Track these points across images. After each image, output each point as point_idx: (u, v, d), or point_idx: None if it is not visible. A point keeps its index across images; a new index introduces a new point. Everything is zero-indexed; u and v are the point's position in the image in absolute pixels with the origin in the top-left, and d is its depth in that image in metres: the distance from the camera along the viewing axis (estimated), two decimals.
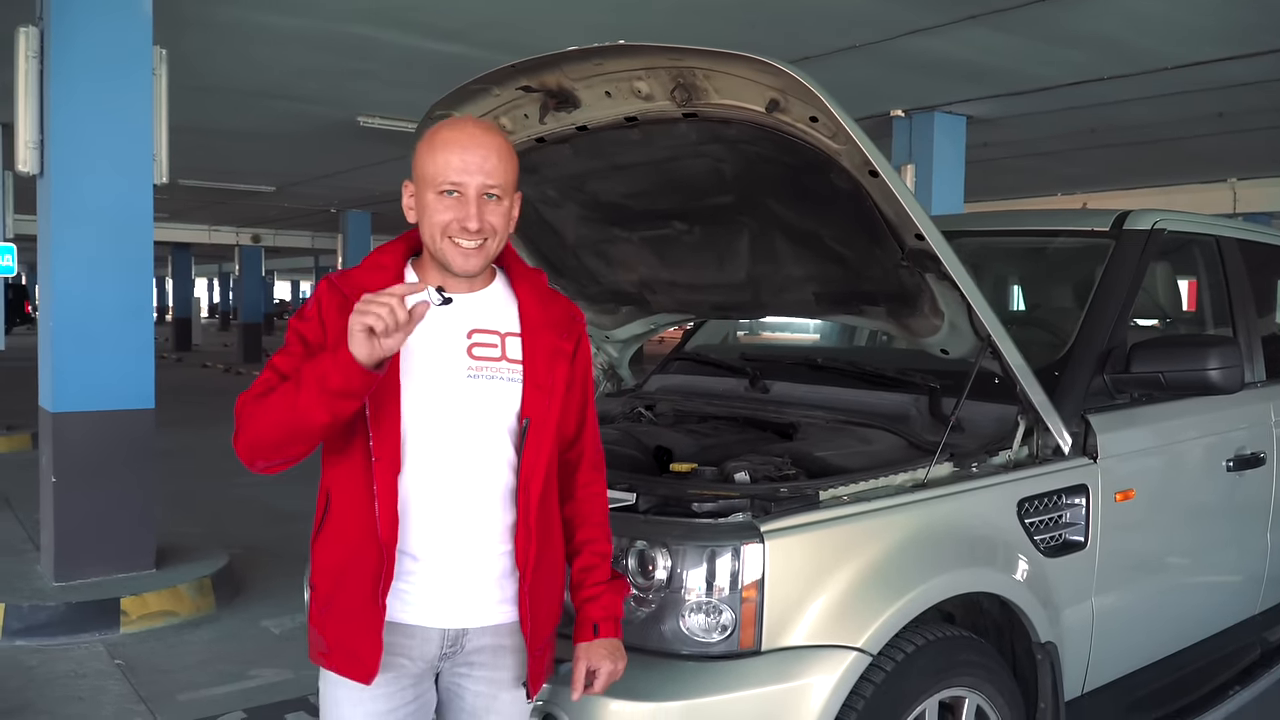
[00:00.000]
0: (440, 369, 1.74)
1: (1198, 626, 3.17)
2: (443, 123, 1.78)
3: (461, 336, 1.76)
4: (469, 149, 1.71)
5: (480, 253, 1.74)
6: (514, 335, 1.80)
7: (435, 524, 1.74)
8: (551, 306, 1.86)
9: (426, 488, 1.73)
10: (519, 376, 1.77)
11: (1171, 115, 8.22)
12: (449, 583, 1.76)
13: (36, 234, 5.20)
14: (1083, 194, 13.35)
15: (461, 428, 1.74)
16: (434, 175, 1.71)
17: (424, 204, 1.73)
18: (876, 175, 2.19)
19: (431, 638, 1.76)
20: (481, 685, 1.81)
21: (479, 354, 1.76)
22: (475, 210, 1.70)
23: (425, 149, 1.74)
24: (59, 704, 3.88)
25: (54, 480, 4.87)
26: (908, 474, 2.39)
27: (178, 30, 5.57)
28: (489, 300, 1.82)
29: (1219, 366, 2.72)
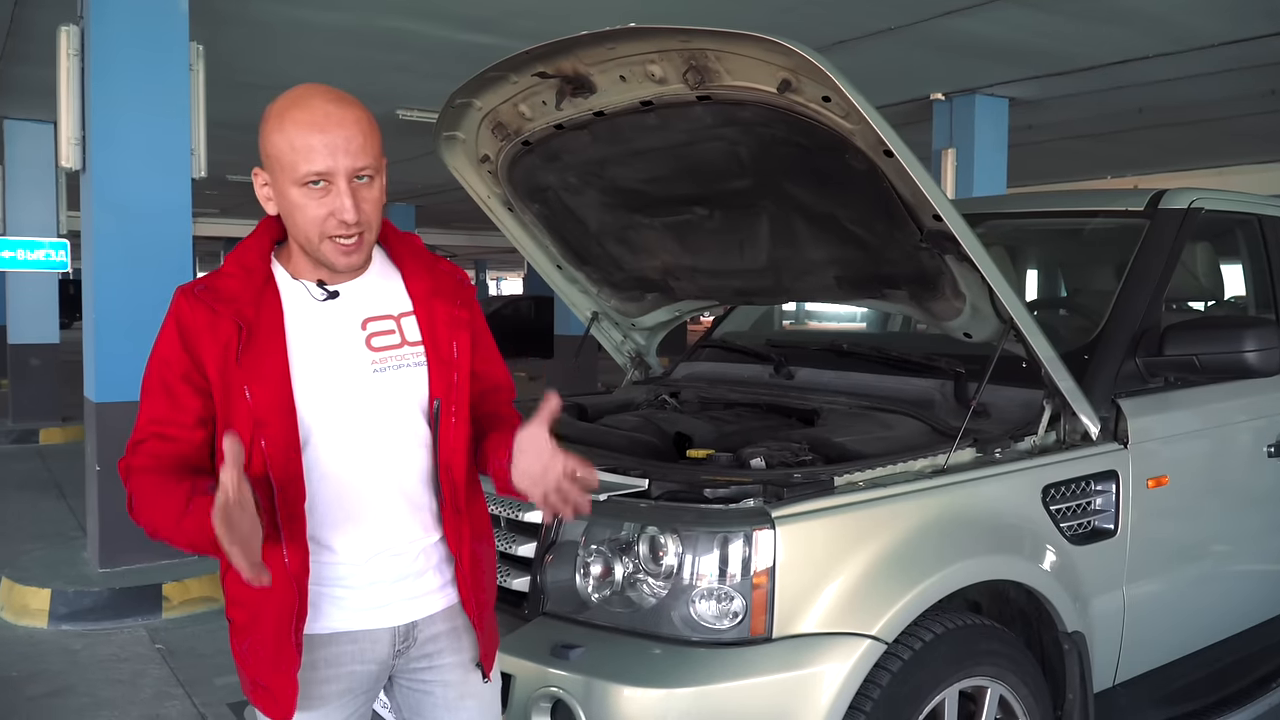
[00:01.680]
0: (342, 371, 1.57)
1: (1236, 618, 3.08)
2: (288, 97, 1.52)
3: (356, 330, 1.59)
4: (328, 129, 1.47)
5: (361, 244, 1.54)
6: (407, 314, 1.63)
7: (366, 527, 1.61)
8: (438, 274, 1.68)
9: (351, 493, 1.60)
10: (424, 358, 1.62)
11: (1221, 93, 7.98)
12: (389, 582, 1.64)
13: None
14: (1133, 176, 13.04)
15: (376, 426, 1.59)
16: (293, 164, 1.48)
17: (288, 200, 1.51)
18: (891, 155, 2.15)
19: (381, 639, 1.64)
20: (448, 674, 1.71)
21: (378, 344, 1.60)
22: (350, 201, 1.49)
23: (275, 131, 1.49)
24: (99, 686, 3.97)
25: (98, 469, 4.98)
26: (928, 459, 2.35)
27: (215, 27, 5.66)
28: (373, 282, 1.63)
29: (1256, 348, 2.63)
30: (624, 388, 3.57)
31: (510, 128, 2.82)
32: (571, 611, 2.14)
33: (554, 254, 3.33)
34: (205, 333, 1.52)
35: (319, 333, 1.58)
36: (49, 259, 9.87)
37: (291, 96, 1.53)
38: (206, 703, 3.81)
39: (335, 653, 1.62)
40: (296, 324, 1.57)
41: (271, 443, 1.52)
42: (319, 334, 1.58)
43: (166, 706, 3.79)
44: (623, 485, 2.22)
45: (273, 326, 1.55)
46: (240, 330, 1.52)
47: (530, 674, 2.02)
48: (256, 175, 1.58)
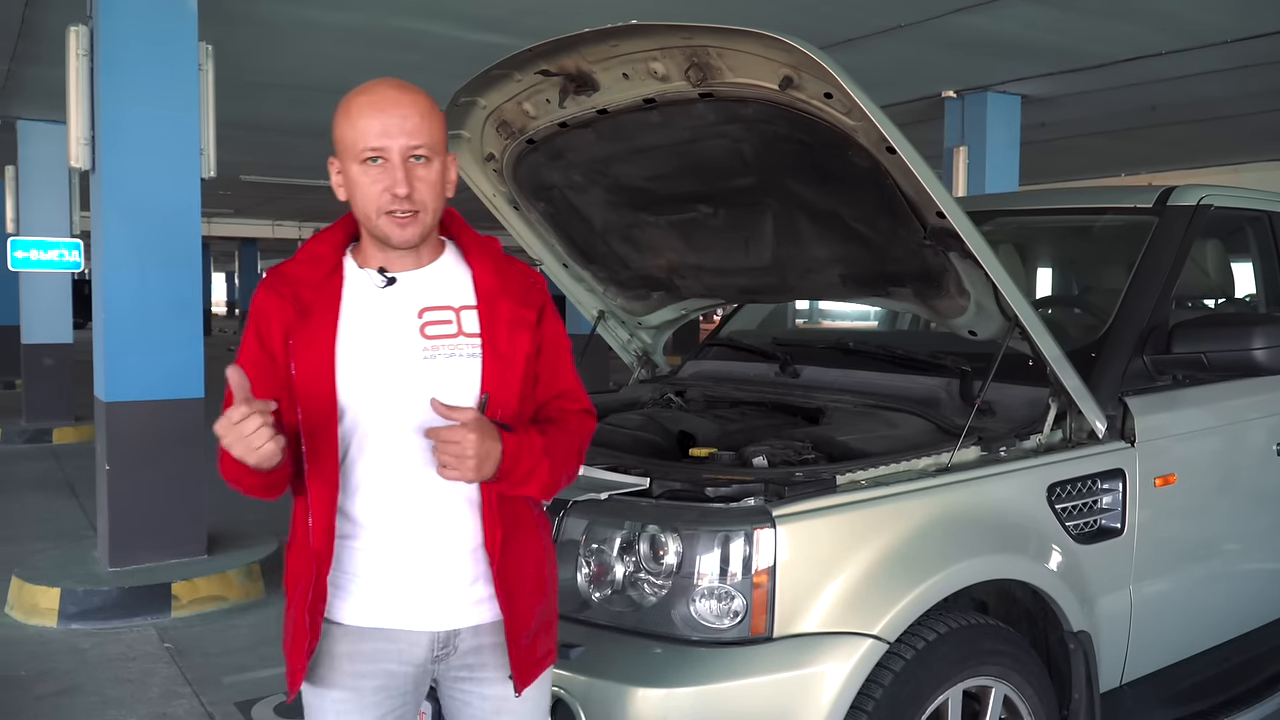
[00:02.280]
0: (392, 355, 1.62)
1: (1245, 617, 3.05)
2: (358, 88, 1.62)
3: (412, 317, 1.64)
4: (386, 110, 1.57)
5: (416, 222, 1.60)
6: (469, 308, 1.67)
7: (402, 521, 1.63)
8: (508, 274, 1.73)
9: (388, 484, 1.63)
10: (479, 350, 1.65)
11: (1236, 90, 7.90)
12: (427, 583, 1.65)
13: None
14: (1147, 174, 12.95)
15: (421, 413, 1.59)
16: (353, 143, 1.57)
17: (350, 178, 1.60)
18: (894, 152, 2.14)
19: (419, 641, 1.65)
20: (488, 688, 1.71)
21: (432, 333, 1.64)
22: (403, 175, 1.57)
23: (342, 117, 1.60)
24: (107, 685, 3.99)
25: (108, 468, 5.01)
26: (931, 458, 2.33)
27: (225, 27, 5.68)
28: (438, 275, 1.69)
29: (1265, 346, 2.61)
30: (630, 386, 3.56)
31: (515, 126, 2.82)
32: (572, 611, 2.13)
33: (560, 252, 3.32)
34: (272, 316, 1.63)
35: (373, 317, 1.64)
36: (62, 259, 9.93)
37: (360, 86, 1.63)
38: (214, 701, 3.82)
39: (375, 648, 1.65)
40: (352, 308, 1.64)
41: (307, 419, 1.60)
42: (373, 318, 1.64)
43: (174, 705, 3.81)
44: (624, 484, 2.21)
45: (327, 309, 1.63)
46: (297, 312, 1.61)
47: None
48: (331, 164, 1.65)
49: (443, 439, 1.52)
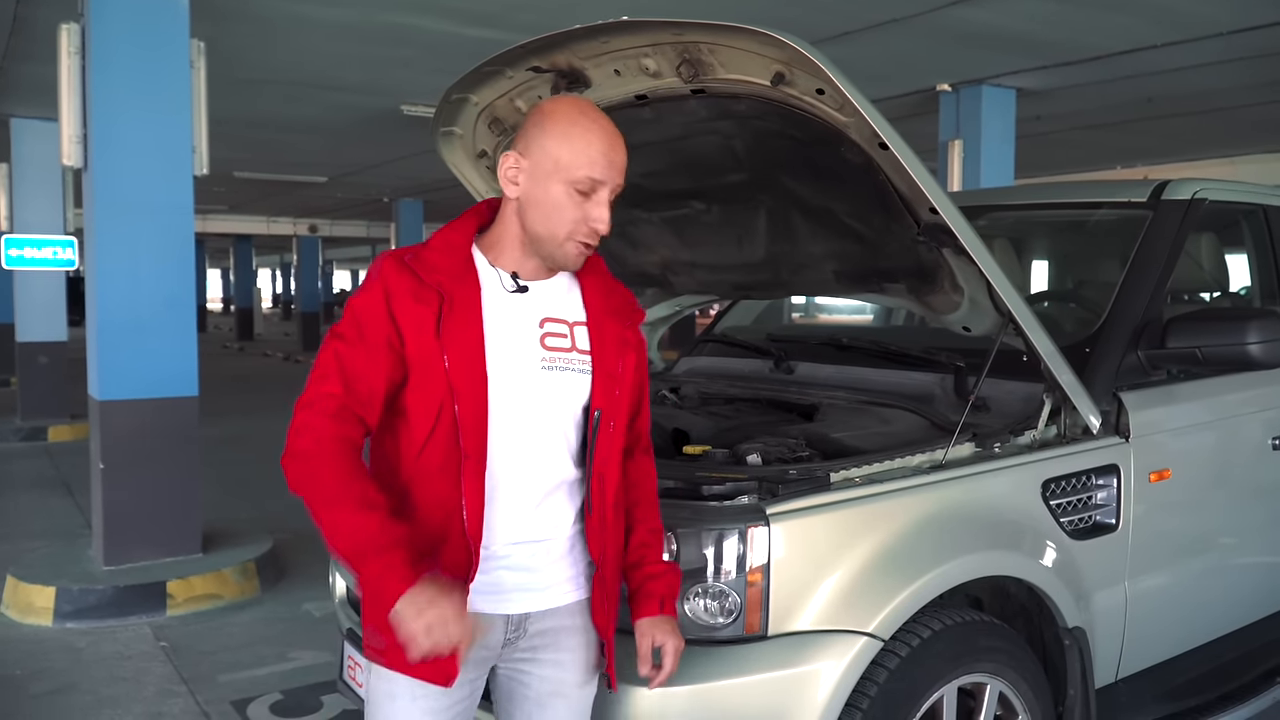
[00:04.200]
0: (517, 361, 1.67)
1: (1239, 612, 3.05)
2: (577, 104, 1.67)
3: (534, 326, 1.69)
4: (616, 146, 1.65)
5: (590, 252, 1.71)
6: (580, 324, 1.74)
7: (504, 516, 1.69)
8: (614, 294, 1.81)
9: (499, 481, 1.68)
10: (589, 367, 1.72)
11: (1231, 82, 7.90)
12: (514, 572, 1.71)
13: None
14: (1143, 166, 12.94)
15: (535, 420, 1.68)
16: (574, 167, 1.61)
17: (548, 194, 1.62)
18: (886, 148, 2.13)
19: (495, 625, 1.71)
20: (547, 669, 1.77)
21: (551, 344, 1.69)
22: (609, 214, 1.64)
23: (562, 130, 1.62)
24: (103, 684, 3.99)
25: (102, 467, 4.99)
26: (926, 455, 2.33)
27: (217, 23, 5.65)
28: (558, 288, 1.75)
29: (1259, 340, 2.60)
30: None
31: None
32: None
33: None
34: (409, 299, 1.60)
35: (503, 319, 1.67)
36: (56, 257, 9.90)
37: (578, 104, 1.68)
38: (209, 700, 3.82)
39: None
40: (490, 306, 1.66)
41: (465, 411, 1.60)
42: (503, 320, 1.67)
43: (169, 704, 3.80)
44: None
45: (471, 303, 1.64)
46: (443, 300, 1.61)
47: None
48: (507, 157, 1.65)
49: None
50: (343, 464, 1.56)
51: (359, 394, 1.61)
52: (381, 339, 1.60)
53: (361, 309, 1.62)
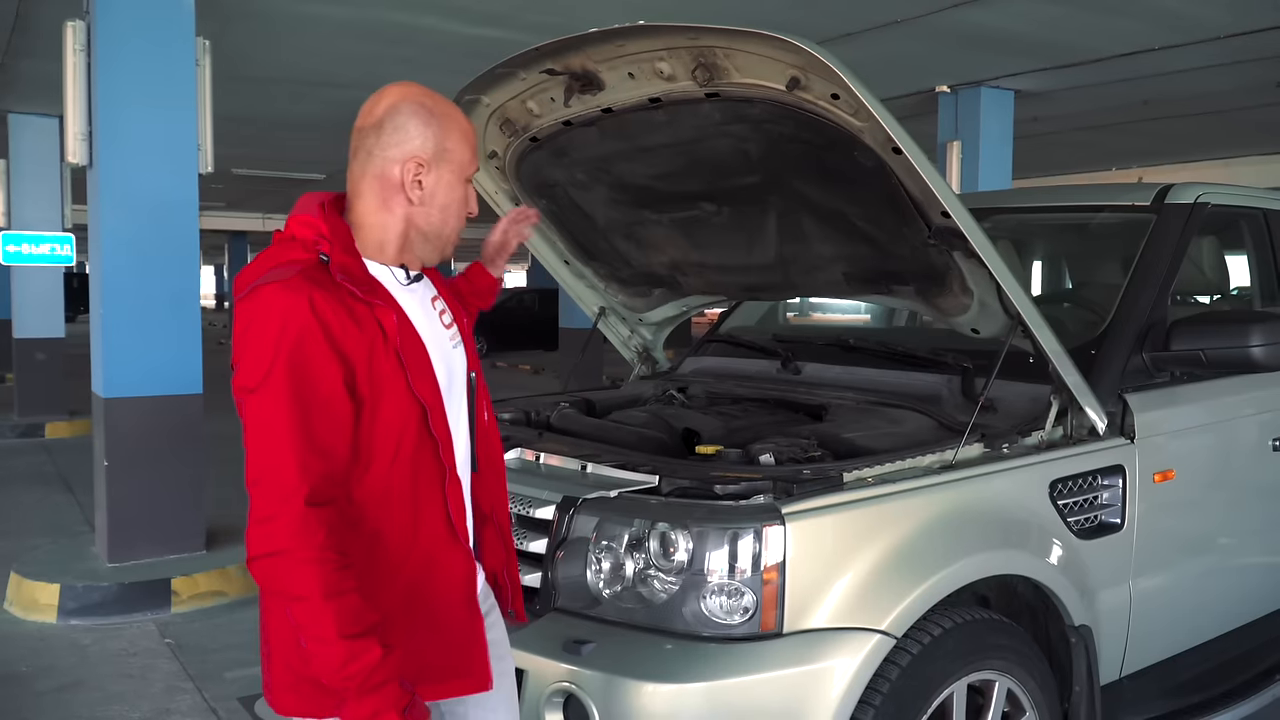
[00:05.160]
0: (441, 350, 1.66)
1: (1241, 611, 3.09)
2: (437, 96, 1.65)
3: (433, 309, 1.69)
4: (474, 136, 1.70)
5: None
6: (438, 297, 1.73)
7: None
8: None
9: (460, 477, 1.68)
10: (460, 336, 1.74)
11: (1227, 85, 7.95)
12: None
13: None
14: (1138, 168, 13.00)
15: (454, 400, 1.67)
16: (468, 162, 1.64)
17: (450, 191, 1.61)
18: (900, 153, 2.16)
19: None
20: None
21: (446, 321, 1.71)
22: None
23: (456, 130, 1.62)
24: (110, 681, 4.00)
25: (106, 464, 5.01)
26: (935, 455, 2.36)
27: (221, 22, 5.66)
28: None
29: (1262, 343, 2.64)
30: (631, 383, 3.58)
31: (518, 124, 2.83)
32: (583, 607, 2.15)
33: (561, 250, 3.34)
34: (350, 327, 1.45)
35: (417, 315, 1.62)
36: (54, 253, 9.86)
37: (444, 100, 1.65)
38: (217, 697, 3.83)
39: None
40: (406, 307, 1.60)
41: (438, 425, 1.56)
42: (418, 316, 1.62)
43: (177, 700, 3.82)
44: (633, 481, 2.23)
45: (400, 312, 1.56)
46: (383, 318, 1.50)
47: (543, 669, 2.03)
48: (409, 162, 1.56)
49: None
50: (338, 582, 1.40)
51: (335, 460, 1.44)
52: (337, 381, 1.43)
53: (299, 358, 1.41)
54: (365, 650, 1.38)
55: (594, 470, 2.37)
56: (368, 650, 1.38)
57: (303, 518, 1.38)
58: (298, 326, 1.41)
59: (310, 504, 1.39)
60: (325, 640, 1.37)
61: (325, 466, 1.42)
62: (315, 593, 1.37)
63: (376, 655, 1.38)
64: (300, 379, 1.41)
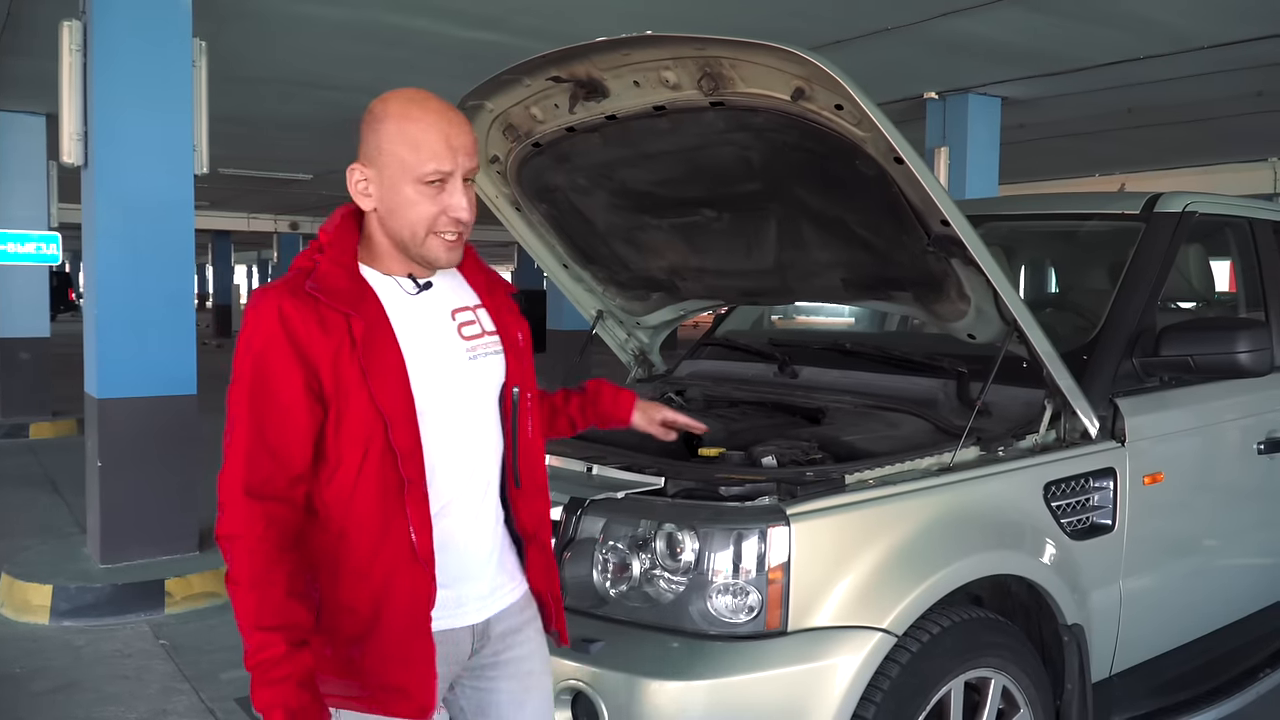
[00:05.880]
0: (442, 361, 1.62)
1: (1227, 610, 3.16)
2: (406, 98, 1.57)
3: (448, 320, 1.66)
4: (455, 131, 1.55)
5: (462, 242, 1.62)
6: (480, 306, 1.72)
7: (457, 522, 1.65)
8: (488, 271, 1.80)
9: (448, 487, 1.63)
10: (500, 347, 1.72)
11: (1209, 94, 8.08)
12: (475, 579, 1.69)
13: (80, 222, 5.33)
14: (1120, 175, 13.15)
15: (471, 413, 1.66)
16: (417, 163, 1.53)
17: (400, 195, 1.55)
18: (902, 162, 2.21)
19: (463, 638, 1.68)
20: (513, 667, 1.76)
21: (468, 333, 1.67)
22: (466, 200, 1.57)
23: (396, 131, 1.53)
24: (105, 682, 4.01)
25: (100, 465, 5.00)
26: (934, 458, 2.41)
27: (216, 22, 5.67)
28: (449, 278, 1.71)
29: (1248, 349, 2.71)
30: (628, 385, 3.61)
31: (521, 130, 2.86)
32: (590, 606, 2.19)
33: (560, 253, 3.37)
34: (316, 333, 1.50)
35: (419, 325, 1.61)
36: (40, 252, 9.83)
37: (406, 97, 1.58)
38: (214, 698, 3.84)
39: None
40: (398, 318, 1.59)
41: (399, 438, 1.53)
42: (419, 326, 1.61)
43: (174, 701, 3.83)
44: (639, 483, 2.27)
45: (379, 321, 1.56)
46: (348, 325, 1.52)
47: (552, 667, 2.06)
48: (353, 171, 1.58)
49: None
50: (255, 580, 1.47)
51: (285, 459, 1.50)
52: (297, 386, 1.49)
53: (262, 362, 1.49)
54: (271, 644, 1.45)
55: (599, 472, 2.41)
56: (273, 645, 1.45)
57: (247, 508, 1.47)
58: (264, 333, 1.50)
59: (252, 496, 1.47)
60: (243, 626, 1.47)
61: (273, 465, 1.49)
62: (244, 579, 1.47)
63: (279, 652, 1.45)
64: (260, 381, 1.50)
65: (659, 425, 2.16)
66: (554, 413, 2.05)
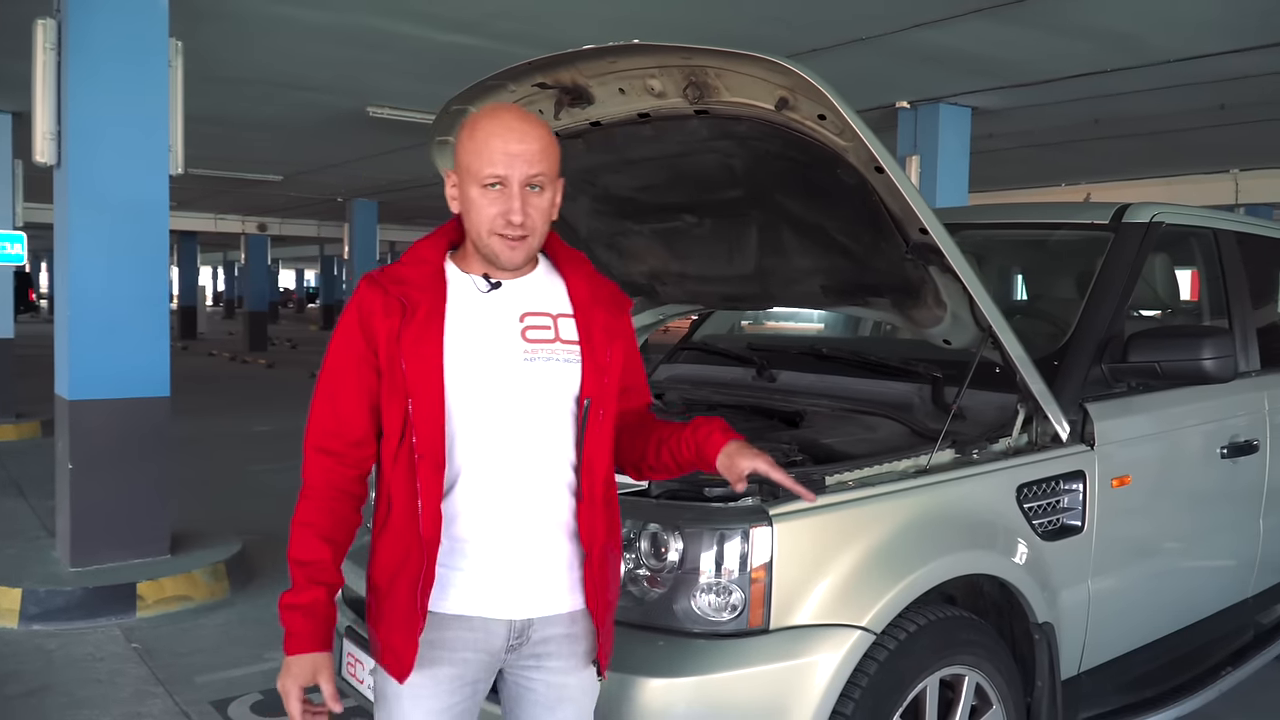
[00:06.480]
0: (494, 356, 1.73)
1: (1192, 609, 3.25)
2: (482, 112, 1.77)
3: (514, 321, 1.76)
4: (511, 139, 1.70)
5: (524, 245, 1.74)
6: (566, 316, 1.80)
7: (494, 512, 1.73)
8: (599, 286, 1.88)
9: (484, 476, 1.73)
10: (576, 357, 1.78)
11: (1174, 107, 8.25)
12: (512, 572, 1.75)
13: (45, 221, 5.28)
14: (1086, 185, 13.35)
15: (520, 412, 1.74)
16: (477, 169, 1.70)
17: (468, 198, 1.73)
18: (882, 171, 2.26)
19: (496, 630, 1.75)
20: (553, 676, 1.81)
21: (533, 336, 1.76)
22: (520, 204, 1.70)
23: (467, 139, 1.73)
24: (78, 686, 3.97)
25: (70, 467, 4.95)
26: (911, 460, 2.47)
27: (192, 22, 5.64)
28: (536, 283, 1.82)
29: (1213, 356, 2.80)
30: None
31: None
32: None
33: None
34: (379, 313, 1.72)
35: (477, 319, 1.75)
36: (5, 252, 9.68)
37: (486, 111, 1.77)
38: (189, 701, 3.82)
39: (454, 636, 1.74)
40: (457, 310, 1.75)
41: (418, 413, 1.69)
42: (477, 320, 1.75)
43: (148, 705, 3.80)
44: (624, 484, 2.30)
45: (434, 309, 1.72)
46: (404, 309, 1.71)
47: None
48: (448, 177, 1.79)
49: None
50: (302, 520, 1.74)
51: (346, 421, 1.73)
52: (355, 357, 1.73)
53: (338, 333, 1.76)
54: (295, 576, 1.71)
55: None
56: (296, 577, 1.70)
57: (309, 459, 1.75)
58: (346, 312, 1.77)
59: (314, 450, 1.74)
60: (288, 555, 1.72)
61: (334, 425, 1.74)
62: (294, 518, 1.74)
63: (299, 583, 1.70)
64: (333, 353, 1.77)
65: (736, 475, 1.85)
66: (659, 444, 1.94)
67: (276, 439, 9.88)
